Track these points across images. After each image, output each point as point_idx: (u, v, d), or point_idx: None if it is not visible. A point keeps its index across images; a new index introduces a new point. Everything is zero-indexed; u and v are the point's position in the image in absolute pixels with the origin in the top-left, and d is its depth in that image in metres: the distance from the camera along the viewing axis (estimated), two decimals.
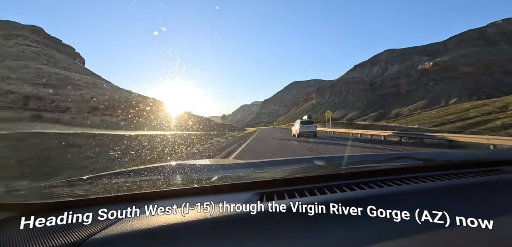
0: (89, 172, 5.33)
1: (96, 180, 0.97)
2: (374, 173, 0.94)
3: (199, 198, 0.70)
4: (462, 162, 1.15)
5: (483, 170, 0.98)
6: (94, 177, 0.99)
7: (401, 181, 0.84)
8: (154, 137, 14.26)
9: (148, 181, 0.86)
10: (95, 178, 0.99)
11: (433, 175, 0.91)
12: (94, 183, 0.93)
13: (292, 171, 1.01)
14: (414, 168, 1.02)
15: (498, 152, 2.04)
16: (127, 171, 1.00)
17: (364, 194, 0.74)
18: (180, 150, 9.93)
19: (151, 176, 0.92)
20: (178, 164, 1.03)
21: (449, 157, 1.37)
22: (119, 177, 1.02)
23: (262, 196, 0.75)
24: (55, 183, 0.82)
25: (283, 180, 0.89)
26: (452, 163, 1.13)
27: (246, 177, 0.89)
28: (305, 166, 1.14)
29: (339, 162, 1.23)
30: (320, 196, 0.73)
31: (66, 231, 0.57)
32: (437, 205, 0.60)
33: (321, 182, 0.86)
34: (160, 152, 8.92)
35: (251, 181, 0.86)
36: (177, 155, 8.67)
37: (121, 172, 1.05)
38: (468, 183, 0.84)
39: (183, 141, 13.74)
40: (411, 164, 1.12)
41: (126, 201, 0.71)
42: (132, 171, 0.97)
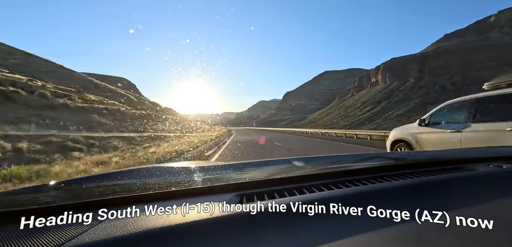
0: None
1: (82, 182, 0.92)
2: (351, 172, 0.98)
3: (177, 201, 0.69)
4: (430, 161, 1.23)
5: (448, 168, 1.07)
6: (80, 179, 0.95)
7: (375, 180, 0.89)
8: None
9: (127, 184, 0.83)
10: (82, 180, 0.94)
11: (403, 173, 0.97)
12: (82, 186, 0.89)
13: (272, 172, 1.02)
14: (387, 167, 1.08)
15: (461, 151, 2.22)
16: (110, 174, 0.95)
17: (341, 192, 0.77)
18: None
19: (126, 180, 0.89)
20: (155, 166, 1.00)
21: (418, 156, 1.46)
22: (104, 180, 0.97)
23: (242, 197, 0.75)
24: (55, 184, 0.79)
25: (263, 180, 0.90)
26: (421, 162, 1.20)
27: (226, 178, 0.88)
28: (284, 166, 1.15)
29: (317, 162, 1.27)
30: (299, 196, 0.75)
31: (66, 231, 0.57)
32: (407, 202, 0.64)
33: (300, 182, 0.87)
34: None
35: (231, 183, 0.85)
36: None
37: (106, 174, 1.00)
38: (434, 180, 0.90)
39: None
40: (384, 163, 1.18)
41: (126, 203, 0.68)
42: (112, 175, 0.93)
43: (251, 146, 14.06)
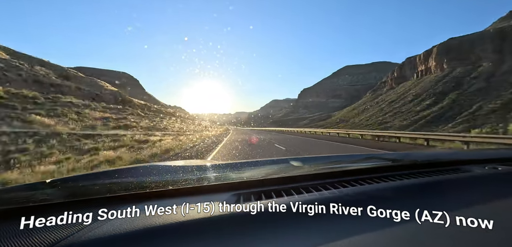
0: None
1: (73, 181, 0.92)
2: (347, 172, 0.99)
3: (175, 200, 0.69)
4: (427, 162, 1.23)
5: (445, 169, 1.07)
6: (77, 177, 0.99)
7: (373, 180, 0.89)
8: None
9: (125, 182, 0.84)
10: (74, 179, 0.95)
11: (400, 174, 0.98)
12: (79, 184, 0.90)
13: (269, 171, 1.03)
14: (384, 168, 1.08)
15: (457, 153, 2.18)
16: (106, 172, 0.98)
17: (341, 193, 0.78)
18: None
19: (124, 178, 0.89)
20: (153, 165, 1.01)
21: (415, 157, 1.45)
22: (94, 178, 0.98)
23: (240, 196, 0.75)
24: (54, 182, 0.80)
25: (260, 180, 0.90)
26: (418, 163, 1.20)
27: (223, 178, 0.89)
28: (282, 166, 1.16)
29: (314, 162, 1.27)
30: (297, 196, 0.75)
31: (66, 231, 0.57)
32: (407, 202, 0.65)
33: (297, 182, 0.88)
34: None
35: (228, 182, 0.86)
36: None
37: (102, 172, 1.03)
38: (433, 181, 0.91)
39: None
40: (381, 164, 1.18)
41: (125, 201, 0.70)
42: (109, 173, 0.96)
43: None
